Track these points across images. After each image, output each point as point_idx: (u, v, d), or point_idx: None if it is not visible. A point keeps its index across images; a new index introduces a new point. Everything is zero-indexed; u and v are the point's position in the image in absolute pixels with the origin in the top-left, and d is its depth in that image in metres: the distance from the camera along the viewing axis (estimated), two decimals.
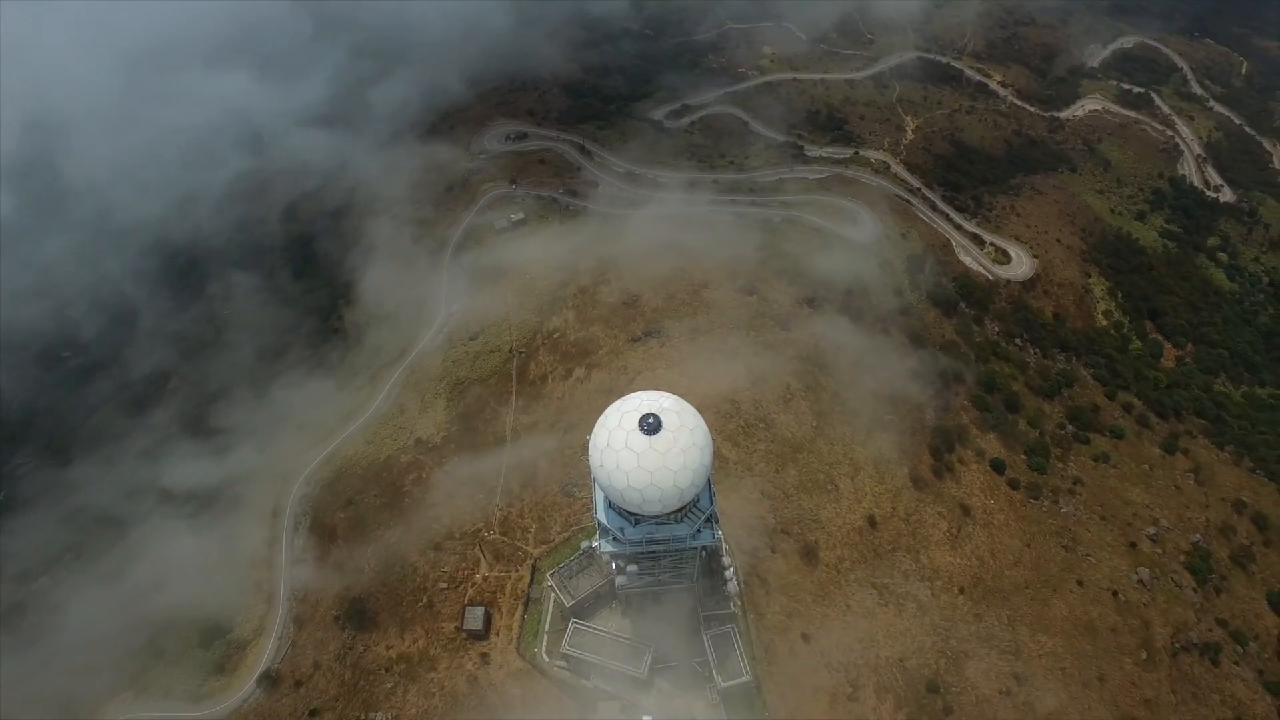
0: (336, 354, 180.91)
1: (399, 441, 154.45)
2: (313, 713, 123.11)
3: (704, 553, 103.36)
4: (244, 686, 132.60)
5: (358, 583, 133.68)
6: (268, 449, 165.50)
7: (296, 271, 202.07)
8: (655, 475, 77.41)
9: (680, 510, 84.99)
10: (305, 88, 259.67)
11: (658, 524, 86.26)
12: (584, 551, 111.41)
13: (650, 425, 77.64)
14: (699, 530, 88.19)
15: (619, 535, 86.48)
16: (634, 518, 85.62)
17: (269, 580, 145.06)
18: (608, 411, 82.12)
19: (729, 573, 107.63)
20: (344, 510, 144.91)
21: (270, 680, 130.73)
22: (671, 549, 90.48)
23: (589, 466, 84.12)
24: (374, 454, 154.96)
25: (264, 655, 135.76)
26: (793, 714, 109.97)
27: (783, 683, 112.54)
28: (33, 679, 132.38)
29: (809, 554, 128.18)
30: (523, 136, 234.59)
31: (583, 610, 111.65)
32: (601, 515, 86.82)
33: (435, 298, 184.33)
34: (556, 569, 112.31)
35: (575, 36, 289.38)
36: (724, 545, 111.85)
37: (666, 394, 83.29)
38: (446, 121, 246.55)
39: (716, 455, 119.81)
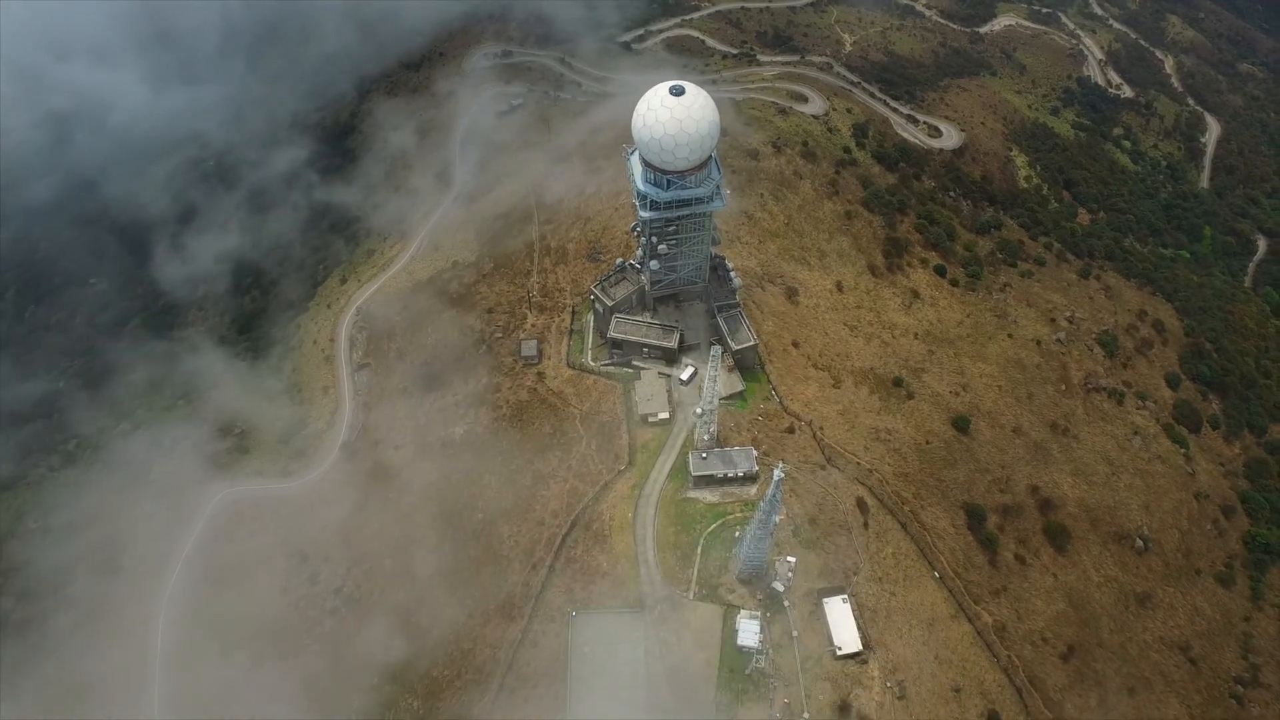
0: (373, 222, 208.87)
1: (438, 265, 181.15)
2: (398, 446, 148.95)
3: (717, 259, 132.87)
4: (327, 460, 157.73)
5: (419, 356, 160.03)
6: (317, 296, 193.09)
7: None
8: (683, 123, 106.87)
9: (700, 168, 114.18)
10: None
11: (682, 187, 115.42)
12: (619, 267, 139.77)
13: (677, 90, 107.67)
14: (712, 197, 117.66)
15: (655, 199, 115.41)
16: (666, 180, 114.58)
17: (334, 385, 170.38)
18: (645, 94, 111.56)
19: (733, 274, 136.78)
20: (399, 314, 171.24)
21: (349, 449, 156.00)
22: (695, 213, 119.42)
23: (630, 138, 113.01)
24: (416, 279, 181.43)
25: (339, 436, 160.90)
26: (790, 392, 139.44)
27: (780, 369, 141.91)
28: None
29: (791, 295, 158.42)
30: (508, 55, 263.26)
31: (620, 310, 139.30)
32: (640, 183, 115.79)
33: (451, 172, 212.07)
34: (598, 281, 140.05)
35: None
36: (726, 260, 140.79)
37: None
38: (435, 49, 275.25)
39: None
